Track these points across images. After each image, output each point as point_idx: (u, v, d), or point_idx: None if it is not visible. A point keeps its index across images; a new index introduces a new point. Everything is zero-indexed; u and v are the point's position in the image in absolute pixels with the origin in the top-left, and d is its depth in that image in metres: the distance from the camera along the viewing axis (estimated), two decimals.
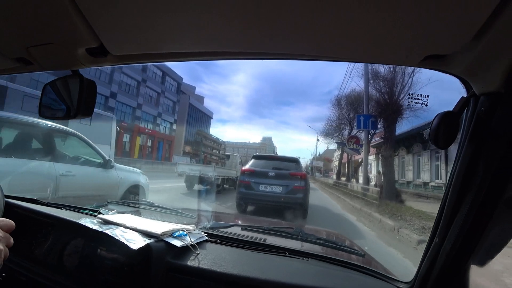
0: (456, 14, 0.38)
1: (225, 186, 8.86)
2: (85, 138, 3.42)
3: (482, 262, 0.58)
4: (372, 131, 12.97)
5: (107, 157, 3.50)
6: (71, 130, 3.35)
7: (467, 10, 0.37)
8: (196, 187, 8.31)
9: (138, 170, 4.11)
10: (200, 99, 40.35)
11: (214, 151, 11.01)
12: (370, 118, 10.64)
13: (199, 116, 37.38)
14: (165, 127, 29.49)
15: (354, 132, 14.97)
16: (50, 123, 3.00)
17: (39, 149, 2.91)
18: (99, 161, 3.41)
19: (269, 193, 5.08)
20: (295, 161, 5.82)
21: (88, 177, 3.22)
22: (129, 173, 3.79)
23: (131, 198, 3.46)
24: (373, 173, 19.25)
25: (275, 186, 5.08)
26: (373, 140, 14.34)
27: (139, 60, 0.67)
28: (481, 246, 0.56)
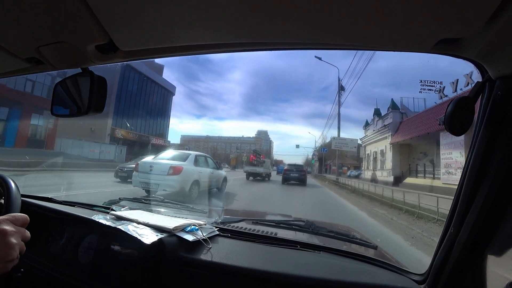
0: None
1: (265, 178, 16.11)
2: (210, 157, 7.72)
3: (499, 252, 0.56)
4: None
5: (220, 164, 8.23)
6: (207, 155, 7.81)
7: None
8: (251, 178, 15.40)
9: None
10: (158, 68, 28.08)
11: (258, 158, 17.85)
12: None
13: (150, 88, 25.59)
14: (33, 82, 13.81)
15: None
16: (208, 155, 7.74)
17: (209, 163, 7.30)
18: (215, 166, 7.54)
19: (294, 176, 14.02)
20: (302, 165, 17.83)
21: (216, 173, 7.34)
22: (223, 171, 8.17)
23: (223, 185, 7.62)
24: (389, 164, 15.59)
25: (295, 174, 14.17)
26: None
27: (148, 55, 0.67)
28: (499, 236, 0.54)
